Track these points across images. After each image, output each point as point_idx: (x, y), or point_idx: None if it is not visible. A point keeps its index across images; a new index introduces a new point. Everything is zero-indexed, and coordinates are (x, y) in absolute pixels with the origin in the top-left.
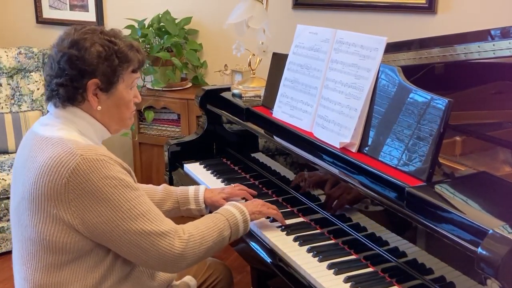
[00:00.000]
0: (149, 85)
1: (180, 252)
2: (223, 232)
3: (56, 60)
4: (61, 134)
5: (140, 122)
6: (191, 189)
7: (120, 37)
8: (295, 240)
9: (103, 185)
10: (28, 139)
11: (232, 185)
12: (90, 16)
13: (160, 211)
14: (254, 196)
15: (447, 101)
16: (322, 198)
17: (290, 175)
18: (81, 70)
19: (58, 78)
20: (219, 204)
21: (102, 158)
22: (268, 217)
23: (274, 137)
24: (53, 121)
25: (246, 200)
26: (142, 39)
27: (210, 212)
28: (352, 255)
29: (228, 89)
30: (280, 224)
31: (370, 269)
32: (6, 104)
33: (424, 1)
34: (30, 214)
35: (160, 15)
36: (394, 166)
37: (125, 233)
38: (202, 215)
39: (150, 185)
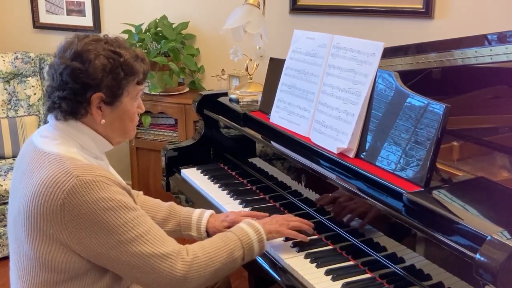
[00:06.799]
0: (146, 90)
1: (183, 275)
2: (233, 253)
3: (59, 71)
4: (60, 150)
5: (137, 127)
6: (195, 214)
7: (125, 47)
8: (292, 246)
9: (98, 207)
10: (26, 150)
11: (238, 211)
12: (87, 21)
13: (162, 230)
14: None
15: (444, 106)
16: (320, 203)
17: (287, 180)
18: (84, 83)
19: (61, 91)
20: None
21: (99, 179)
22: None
23: (272, 142)
24: (52, 133)
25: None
26: (139, 44)
27: None
28: (350, 261)
29: (225, 94)
30: None
31: (368, 275)
32: (2, 109)
33: (421, 6)
34: (26, 231)
35: (157, 20)
36: (392, 171)
37: (123, 255)
38: None
39: (158, 200)
